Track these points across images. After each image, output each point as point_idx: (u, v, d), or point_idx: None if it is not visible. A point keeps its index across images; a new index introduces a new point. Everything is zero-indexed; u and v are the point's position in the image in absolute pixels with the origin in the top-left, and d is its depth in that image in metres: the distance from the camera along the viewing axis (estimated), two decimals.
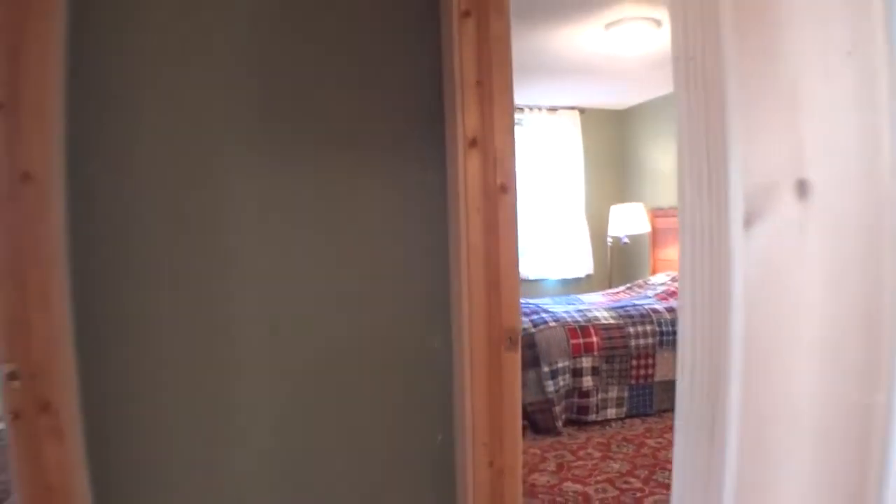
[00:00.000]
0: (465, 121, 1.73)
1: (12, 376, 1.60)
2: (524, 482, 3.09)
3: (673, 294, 4.66)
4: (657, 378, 4.04)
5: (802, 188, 0.53)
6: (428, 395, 1.92)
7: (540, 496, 2.95)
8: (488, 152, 1.74)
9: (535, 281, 6.24)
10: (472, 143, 1.74)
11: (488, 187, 1.75)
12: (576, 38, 3.94)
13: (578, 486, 3.02)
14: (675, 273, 5.08)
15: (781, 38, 0.54)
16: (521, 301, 4.71)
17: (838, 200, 0.51)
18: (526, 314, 4.20)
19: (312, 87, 1.80)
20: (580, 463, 3.31)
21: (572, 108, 6.16)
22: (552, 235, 6.21)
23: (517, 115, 5.99)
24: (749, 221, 0.58)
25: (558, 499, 2.91)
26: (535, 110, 6.06)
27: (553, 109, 6.11)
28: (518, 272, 1.78)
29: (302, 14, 1.80)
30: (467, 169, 1.75)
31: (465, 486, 1.79)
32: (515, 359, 1.77)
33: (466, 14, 1.70)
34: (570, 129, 6.17)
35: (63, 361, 1.58)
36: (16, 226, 1.53)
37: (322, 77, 1.81)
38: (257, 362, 1.81)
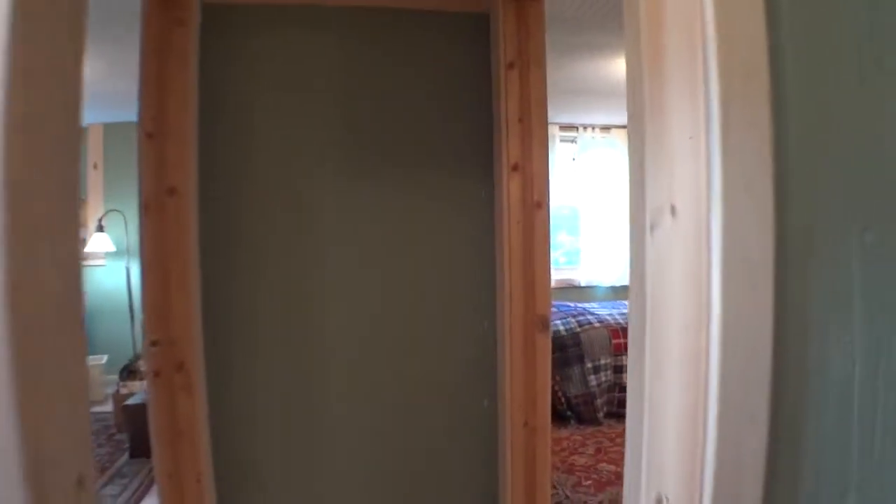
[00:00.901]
0: (509, 150, 2.10)
1: (154, 343, 2.05)
2: (565, 462, 3.42)
3: None
4: None
5: (673, 210, 0.88)
6: (477, 367, 2.30)
7: (577, 473, 3.27)
8: (527, 175, 2.10)
9: (587, 287, 6.52)
10: (514, 167, 2.10)
11: (526, 203, 2.11)
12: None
13: (612, 467, 3.33)
14: None
15: (666, 123, 0.90)
16: (570, 304, 5.02)
17: (690, 219, 0.86)
18: (573, 315, 4.52)
19: (389, 124, 2.22)
20: (616, 448, 3.61)
21: (623, 126, 6.44)
22: (604, 245, 6.48)
23: (571, 134, 6.32)
24: (652, 229, 0.93)
25: (593, 476, 3.23)
26: (589, 129, 6.37)
27: (606, 128, 6.40)
28: (549, 271, 2.13)
29: (381, 66, 2.21)
30: (510, 188, 2.11)
31: (505, 441, 2.16)
32: (546, 339, 2.12)
33: (511, 66, 2.08)
34: (622, 147, 6.44)
35: (194, 332, 2.03)
36: (163, 229, 1.98)
37: (396, 115, 2.22)
38: (337, 330, 2.23)
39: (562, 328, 4.27)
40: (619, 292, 6.55)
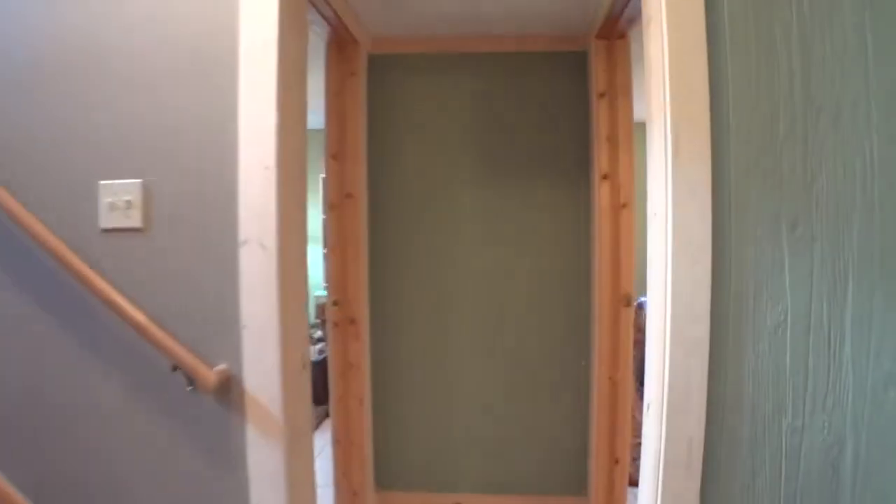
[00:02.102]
0: (601, 162, 2.59)
1: (335, 303, 2.77)
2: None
3: None
4: None
5: (655, 214, 1.39)
6: (576, 333, 2.82)
7: None
8: (615, 182, 2.59)
9: None
10: (605, 176, 2.59)
11: (614, 205, 2.59)
12: None
13: None
14: None
15: (653, 153, 1.41)
16: None
17: (661, 218, 1.37)
18: None
19: (508, 142, 2.80)
20: None
21: None
22: None
23: None
24: (649, 224, 1.44)
25: None
26: None
27: None
28: (633, 258, 2.60)
29: (501, 96, 2.80)
30: (601, 193, 2.60)
31: (596, 392, 2.66)
32: (629, 312, 2.59)
33: (602, 95, 2.57)
34: None
35: (362, 295, 2.73)
36: (343, 223, 2.70)
37: (514, 135, 2.80)
38: (467, 298, 2.85)
39: None
40: None
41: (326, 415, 2.94)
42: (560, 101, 2.79)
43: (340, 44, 2.66)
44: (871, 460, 1.42)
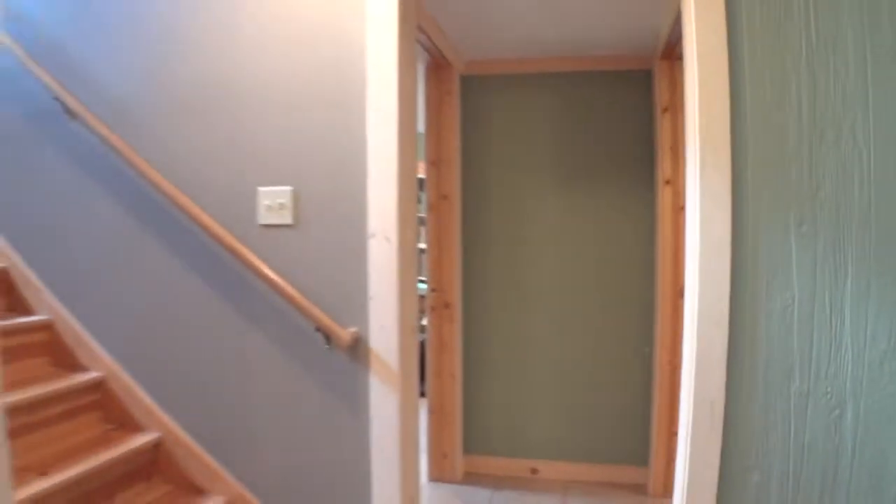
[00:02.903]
0: (664, 169, 2.92)
1: (433, 290, 3.24)
2: None
3: None
4: None
5: (684, 209, 1.76)
6: (641, 319, 3.16)
7: None
8: (676, 187, 2.91)
9: None
10: (667, 182, 2.92)
11: (675, 207, 2.91)
12: None
13: None
14: None
15: (688, 165, 1.77)
16: None
17: (691, 217, 1.74)
18: None
19: (581, 153, 3.18)
20: None
21: None
22: None
23: None
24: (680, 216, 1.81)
25: None
26: None
27: None
28: None
29: (577, 110, 3.18)
30: (664, 197, 2.93)
31: (658, 374, 2.99)
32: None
33: (665, 109, 2.90)
34: None
35: (456, 282, 3.19)
36: (440, 220, 3.16)
37: (586, 146, 3.17)
38: (545, 288, 3.24)
39: None
40: None
41: (422, 393, 3.41)
42: (627, 114, 3.13)
43: (438, 68, 3.12)
44: (870, 423, 1.72)
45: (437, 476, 3.29)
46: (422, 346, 3.48)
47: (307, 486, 2.09)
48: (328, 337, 1.98)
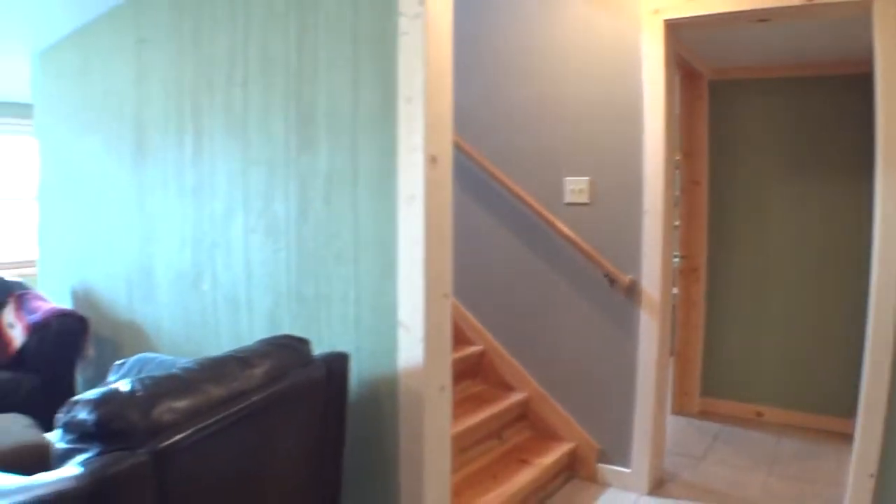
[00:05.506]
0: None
1: (683, 256, 3.90)
2: None
3: None
4: None
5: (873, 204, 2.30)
6: (858, 282, 3.54)
7: None
8: None
9: None
10: None
11: None
12: None
13: None
14: None
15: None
16: None
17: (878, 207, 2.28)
18: None
19: (812, 149, 3.60)
20: None
21: None
22: None
23: None
24: None
25: None
26: None
27: None
28: None
29: (807, 112, 3.60)
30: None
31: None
32: None
33: None
34: None
35: (702, 251, 3.83)
36: (691, 201, 3.81)
37: (817, 144, 3.59)
38: (774, 254, 3.74)
39: None
40: None
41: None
42: (855, 117, 3.48)
43: (689, 77, 3.76)
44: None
45: (678, 410, 3.95)
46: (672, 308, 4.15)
47: (587, 385, 2.96)
48: (612, 281, 2.82)
